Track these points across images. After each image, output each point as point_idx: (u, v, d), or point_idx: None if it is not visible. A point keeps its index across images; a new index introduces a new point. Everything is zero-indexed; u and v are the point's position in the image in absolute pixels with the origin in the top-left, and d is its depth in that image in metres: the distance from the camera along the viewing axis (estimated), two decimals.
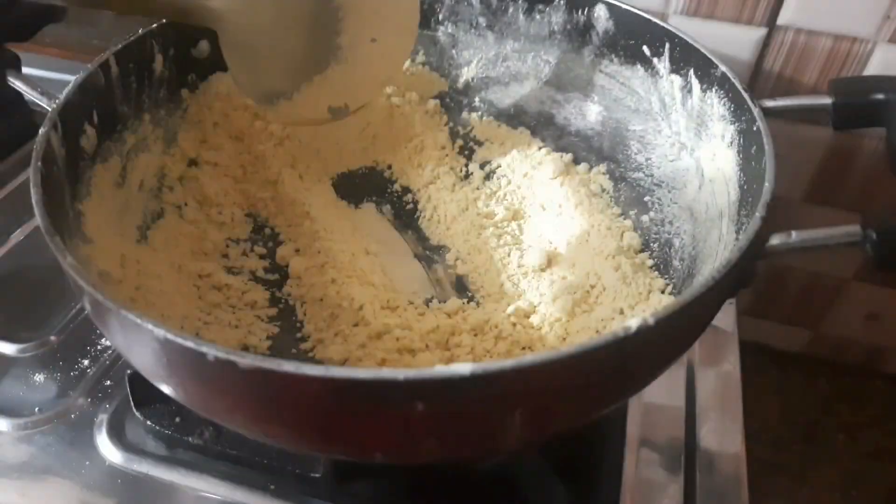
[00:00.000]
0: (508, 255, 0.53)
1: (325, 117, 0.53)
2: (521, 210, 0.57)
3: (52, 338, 0.53)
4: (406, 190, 0.59)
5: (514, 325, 0.47)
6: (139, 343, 0.32)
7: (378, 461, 0.37)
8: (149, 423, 0.47)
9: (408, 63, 0.62)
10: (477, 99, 0.63)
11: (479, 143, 0.62)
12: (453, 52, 0.62)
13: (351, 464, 0.45)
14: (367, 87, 0.53)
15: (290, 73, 0.49)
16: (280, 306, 0.50)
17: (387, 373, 0.28)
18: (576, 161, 0.59)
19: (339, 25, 0.49)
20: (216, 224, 0.54)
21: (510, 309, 0.48)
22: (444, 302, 0.50)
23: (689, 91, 0.50)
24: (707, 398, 0.52)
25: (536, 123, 0.62)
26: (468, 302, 0.50)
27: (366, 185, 0.60)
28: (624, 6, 0.53)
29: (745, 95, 0.44)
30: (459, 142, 0.62)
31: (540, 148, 0.60)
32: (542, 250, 0.52)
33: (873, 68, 0.57)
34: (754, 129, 0.43)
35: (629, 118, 0.57)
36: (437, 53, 0.62)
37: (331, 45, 0.50)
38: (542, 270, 0.51)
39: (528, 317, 0.48)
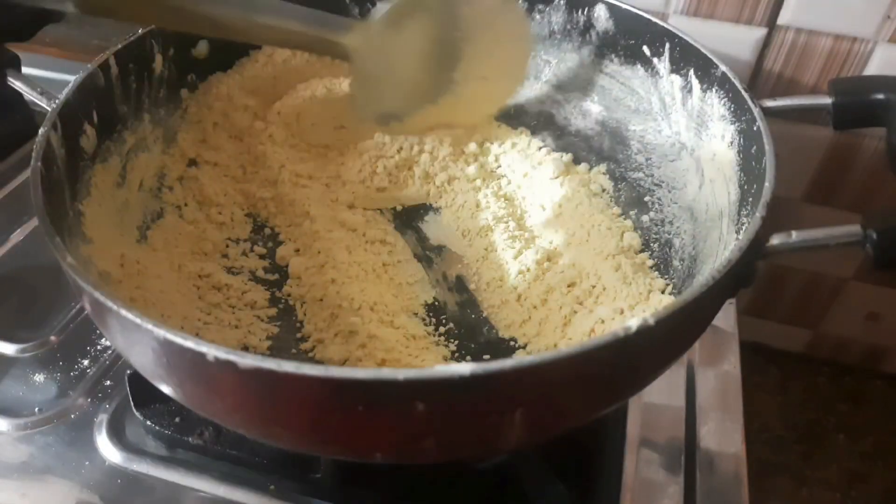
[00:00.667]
0: (508, 255, 0.53)
1: (426, 132, 0.58)
2: (521, 210, 0.56)
3: (52, 338, 0.53)
4: None
5: (507, 326, 0.48)
6: (139, 343, 0.32)
7: (378, 461, 0.37)
8: (149, 423, 0.47)
9: None
10: None
11: (479, 144, 0.62)
12: None
13: (351, 464, 0.45)
14: (470, 116, 0.57)
15: (406, 100, 0.52)
16: (280, 306, 0.50)
17: (387, 373, 0.28)
18: (576, 161, 0.59)
19: (457, 62, 0.52)
20: (216, 224, 0.54)
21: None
22: (445, 304, 0.50)
23: (689, 91, 0.50)
24: (707, 398, 0.52)
25: (536, 123, 0.62)
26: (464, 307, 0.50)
27: None
28: (624, 6, 0.53)
29: (745, 95, 0.44)
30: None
31: (540, 148, 0.60)
32: (543, 249, 0.52)
33: (873, 68, 0.57)
34: (754, 129, 0.43)
35: (629, 118, 0.57)
36: None
37: (446, 78, 0.52)
38: (542, 271, 0.51)
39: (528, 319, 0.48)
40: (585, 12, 0.55)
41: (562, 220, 0.54)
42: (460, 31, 0.51)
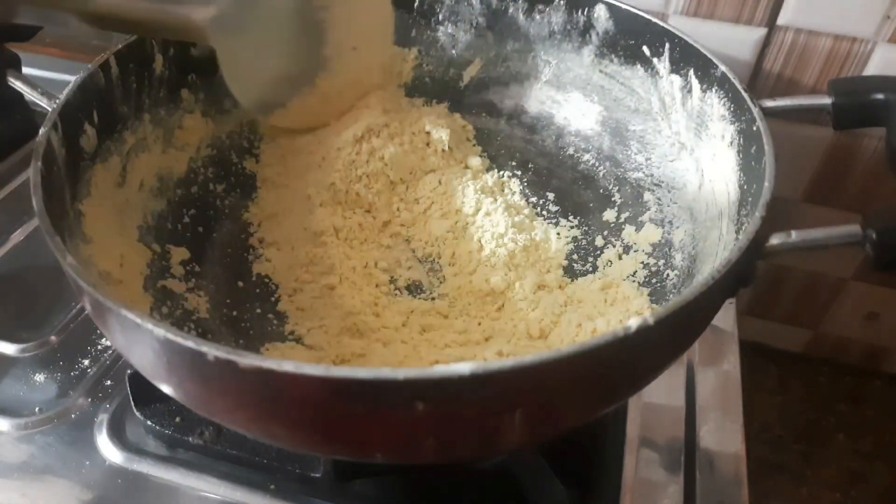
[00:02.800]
0: (509, 256, 0.53)
1: (318, 122, 0.56)
2: (522, 209, 0.57)
3: (52, 338, 0.54)
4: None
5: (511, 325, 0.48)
6: (139, 343, 0.32)
7: (378, 461, 0.37)
8: (149, 423, 0.47)
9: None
10: (477, 99, 0.63)
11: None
12: (453, 52, 0.62)
13: (351, 464, 0.45)
14: (353, 91, 0.57)
15: (281, 84, 0.53)
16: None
17: (387, 373, 0.28)
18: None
19: (323, 38, 0.53)
20: None
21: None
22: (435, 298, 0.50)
23: (689, 91, 0.50)
24: (707, 398, 0.52)
25: (536, 123, 0.62)
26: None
27: None
28: (624, 6, 0.53)
29: (745, 95, 0.44)
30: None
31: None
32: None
33: (873, 68, 0.57)
34: (754, 129, 0.43)
35: (629, 118, 0.57)
36: (437, 53, 0.62)
37: (317, 56, 0.53)
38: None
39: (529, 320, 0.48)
40: (585, 12, 0.55)
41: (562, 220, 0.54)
42: (318, 2, 0.51)
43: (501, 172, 0.60)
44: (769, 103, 0.44)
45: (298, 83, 0.54)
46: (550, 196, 0.58)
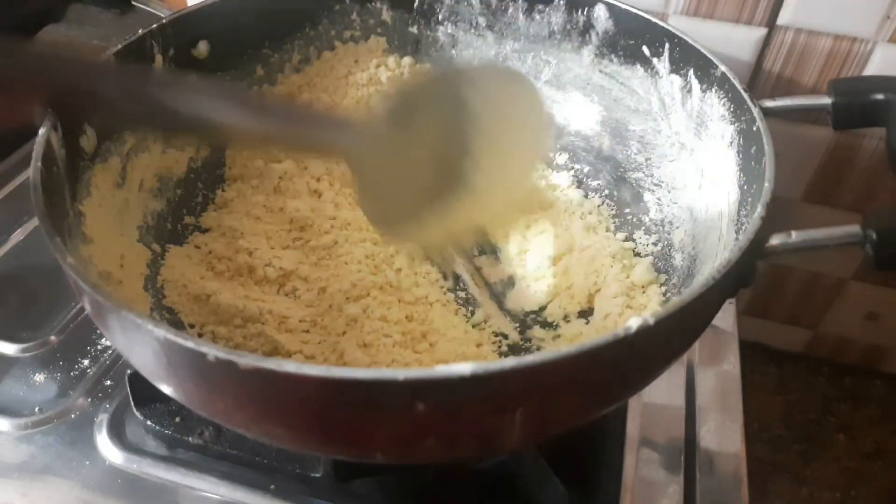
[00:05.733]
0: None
1: (457, 238, 0.51)
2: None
3: (52, 338, 0.53)
4: None
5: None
6: (139, 343, 0.32)
7: (378, 461, 0.37)
8: (149, 423, 0.47)
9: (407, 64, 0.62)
10: None
11: None
12: (453, 52, 0.62)
13: (351, 464, 0.45)
14: (493, 208, 0.49)
15: (418, 201, 0.46)
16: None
17: (387, 373, 0.28)
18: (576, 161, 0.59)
19: (468, 150, 0.46)
20: None
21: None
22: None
23: (689, 91, 0.50)
24: (707, 398, 0.52)
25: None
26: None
27: None
28: (624, 6, 0.53)
29: (745, 95, 0.44)
30: None
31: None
32: (544, 249, 0.52)
33: (873, 68, 0.57)
34: (754, 129, 0.43)
35: (629, 118, 0.57)
36: (437, 53, 0.62)
37: (458, 170, 0.46)
38: (543, 272, 0.51)
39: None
40: (585, 12, 0.55)
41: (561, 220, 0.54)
42: (467, 116, 0.45)
43: None
44: (769, 103, 0.44)
45: (435, 200, 0.46)
46: None
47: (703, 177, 0.50)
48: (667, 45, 0.51)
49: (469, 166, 0.46)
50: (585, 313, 0.50)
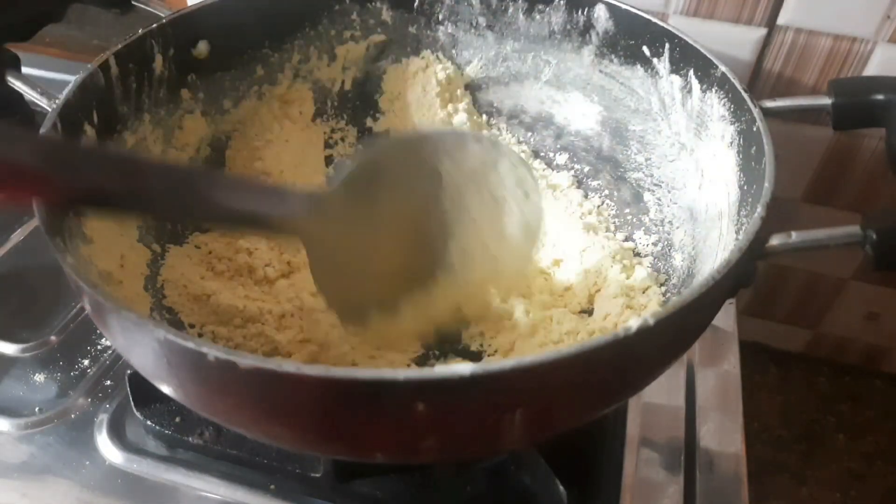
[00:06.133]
0: None
1: (430, 332, 0.44)
2: None
3: (52, 338, 0.53)
4: None
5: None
6: (139, 343, 0.32)
7: (378, 461, 0.37)
8: (149, 423, 0.47)
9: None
10: (477, 99, 0.63)
11: None
12: (453, 52, 0.62)
13: (351, 464, 0.45)
14: (475, 297, 0.44)
15: (385, 286, 0.40)
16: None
17: (387, 373, 0.28)
18: (576, 161, 0.59)
19: (448, 231, 0.41)
20: None
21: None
22: None
23: (689, 91, 0.50)
24: (707, 398, 0.52)
25: (536, 123, 0.62)
26: None
27: None
28: (624, 6, 0.53)
29: (745, 96, 0.44)
30: None
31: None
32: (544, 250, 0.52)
33: (873, 68, 0.57)
34: (754, 129, 0.43)
35: (629, 118, 0.57)
36: (437, 53, 0.62)
37: (435, 254, 0.41)
38: (544, 272, 0.51)
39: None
40: (585, 12, 0.55)
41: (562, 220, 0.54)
42: (446, 192, 0.39)
43: None
44: (769, 103, 0.44)
45: (406, 287, 0.41)
46: None
47: (703, 177, 0.50)
48: (667, 46, 0.51)
49: (451, 249, 0.40)
50: (586, 313, 0.50)
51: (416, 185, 0.39)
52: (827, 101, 0.44)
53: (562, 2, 0.56)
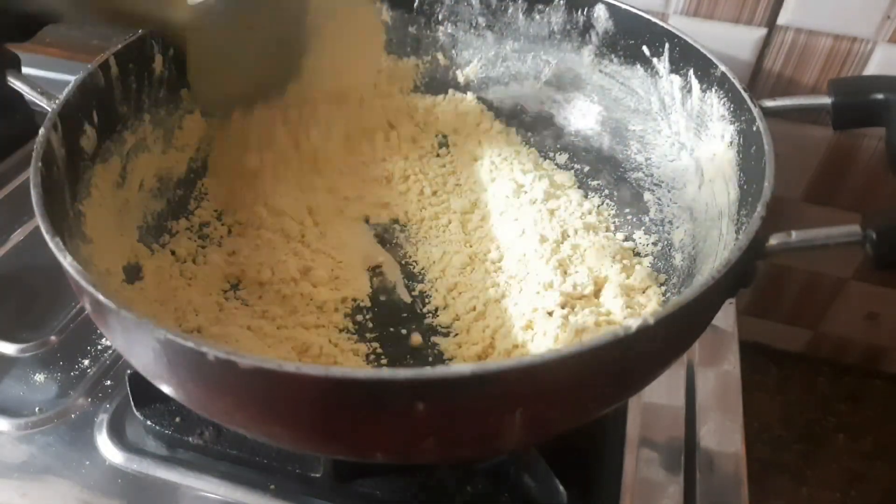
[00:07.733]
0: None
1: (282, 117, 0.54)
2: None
3: (52, 338, 0.53)
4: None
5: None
6: (139, 343, 0.32)
7: (378, 461, 0.37)
8: (149, 423, 0.47)
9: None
10: (476, 99, 0.63)
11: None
12: (453, 52, 0.62)
13: (351, 464, 0.45)
14: (332, 100, 0.55)
15: (249, 88, 0.51)
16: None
17: (387, 373, 0.28)
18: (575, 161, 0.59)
19: (305, 47, 0.51)
20: None
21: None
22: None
23: (689, 91, 0.50)
24: (707, 398, 0.52)
25: (536, 123, 0.62)
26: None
27: None
28: (624, 6, 0.53)
29: (745, 95, 0.44)
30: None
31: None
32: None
33: (873, 68, 0.57)
34: (754, 129, 0.43)
35: (629, 118, 0.57)
36: (436, 53, 0.62)
37: (293, 64, 0.51)
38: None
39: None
40: (585, 12, 0.55)
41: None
42: (307, 13, 0.50)
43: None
44: (769, 103, 0.44)
45: (267, 89, 0.52)
46: None
47: (702, 176, 0.50)
48: (667, 45, 0.51)
49: (305, 62, 0.51)
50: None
51: (285, 3, 0.49)
52: (827, 100, 0.44)
53: (561, 2, 0.56)
